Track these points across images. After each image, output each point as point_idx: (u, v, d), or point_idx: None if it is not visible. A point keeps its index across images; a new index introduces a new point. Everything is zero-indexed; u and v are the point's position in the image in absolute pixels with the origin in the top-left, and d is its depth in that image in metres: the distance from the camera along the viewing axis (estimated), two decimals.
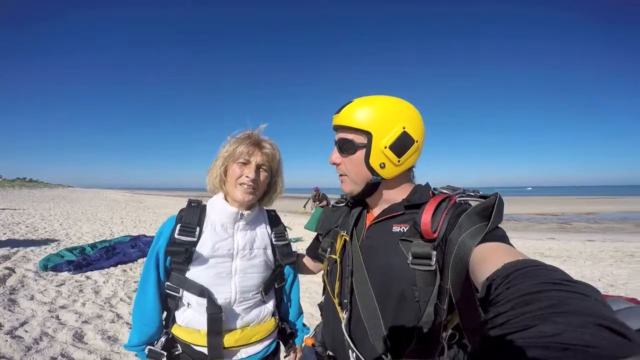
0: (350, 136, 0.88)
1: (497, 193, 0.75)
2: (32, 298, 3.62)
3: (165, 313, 1.22)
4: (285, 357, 1.37)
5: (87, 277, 4.63)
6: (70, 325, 3.02)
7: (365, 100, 0.88)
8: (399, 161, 0.86)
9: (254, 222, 1.24)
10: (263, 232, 1.25)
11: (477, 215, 0.73)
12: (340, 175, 0.94)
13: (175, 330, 1.19)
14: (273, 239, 1.26)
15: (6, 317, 3.02)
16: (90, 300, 3.74)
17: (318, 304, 1.12)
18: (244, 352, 1.19)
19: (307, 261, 1.35)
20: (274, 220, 1.32)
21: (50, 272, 4.68)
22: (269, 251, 1.24)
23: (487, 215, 0.72)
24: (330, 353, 1.02)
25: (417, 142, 0.87)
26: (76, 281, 4.40)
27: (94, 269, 5.06)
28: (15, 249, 5.96)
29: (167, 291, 1.17)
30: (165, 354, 1.16)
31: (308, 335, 1.27)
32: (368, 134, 0.85)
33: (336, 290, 0.97)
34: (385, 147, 0.84)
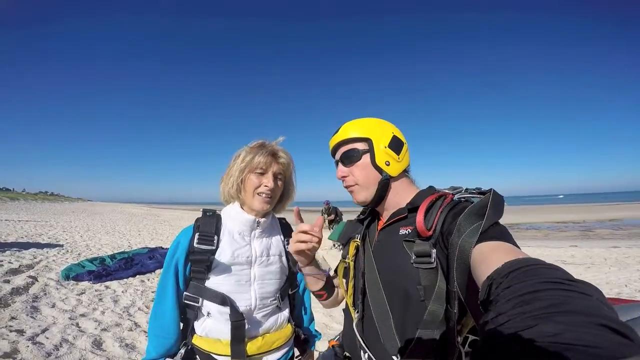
0: (352, 146, 0.95)
1: (492, 189, 0.77)
2: (53, 306, 3.66)
3: (182, 325, 1.20)
4: (297, 358, 1.36)
5: (107, 287, 4.68)
6: (89, 333, 3.03)
7: (355, 120, 0.99)
8: (399, 157, 0.94)
9: (269, 230, 1.26)
10: (277, 239, 1.27)
11: (474, 215, 0.72)
12: (350, 187, 0.98)
13: (195, 341, 1.16)
14: (286, 246, 1.27)
15: (28, 324, 3.06)
16: (109, 309, 3.76)
17: (343, 309, 1.12)
18: None
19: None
20: (286, 228, 1.34)
21: (72, 281, 4.76)
22: (284, 258, 1.26)
23: (484, 213, 0.71)
24: (347, 354, 1.02)
25: (405, 144, 0.98)
26: (96, 290, 4.45)
27: (113, 279, 5.13)
28: (38, 259, 6.12)
29: (186, 301, 1.15)
30: None
31: (333, 339, 1.25)
32: (368, 140, 0.94)
33: (349, 292, 1.00)
34: (385, 147, 0.93)
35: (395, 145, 0.94)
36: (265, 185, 1.15)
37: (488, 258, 0.59)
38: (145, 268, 6.04)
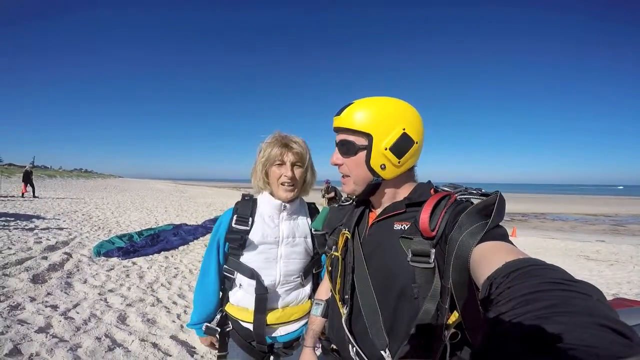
0: (351, 138, 0.89)
1: (498, 191, 0.74)
2: (85, 282, 3.96)
3: (220, 294, 1.38)
4: None
5: (133, 263, 4.98)
6: (115, 308, 3.26)
7: (365, 101, 0.88)
8: (399, 162, 0.87)
9: (296, 213, 1.36)
10: (304, 222, 1.37)
11: (477, 214, 0.72)
12: (343, 176, 0.95)
13: (228, 308, 1.34)
14: (312, 230, 1.36)
15: (62, 299, 3.33)
16: (135, 284, 4.02)
17: (325, 300, 1.16)
18: (283, 330, 1.32)
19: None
20: (314, 212, 1.43)
21: (103, 257, 5.10)
22: (309, 240, 1.36)
23: (488, 213, 0.70)
24: (334, 347, 1.03)
25: (417, 143, 0.88)
26: (124, 266, 4.76)
27: (140, 255, 5.45)
28: (72, 235, 6.58)
29: (225, 273, 1.33)
30: (219, 330, 1.33)
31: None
32: (369, 136, 0.86)
33: (337, 287, 0.99)
34: (386, 149, 0.85)
35: (401, 145, 0.85)
36: (285, 175, 1.25)
37: (489, 258, 0.58)
38: (169, 245, 6.37)
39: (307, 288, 1.37)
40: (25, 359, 2.26)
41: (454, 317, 0.76)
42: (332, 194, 10.51)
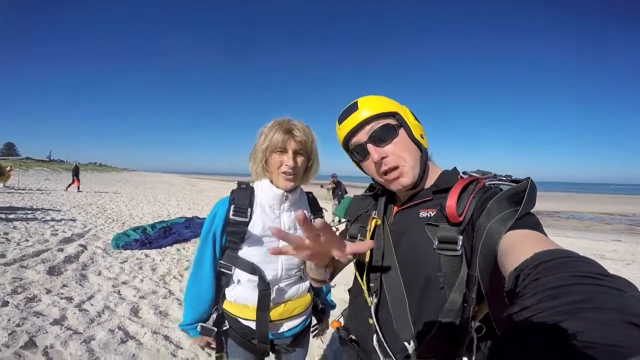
0: (383, 122, 0.85)
1: (529, 178, 0.70)
2: (99, 273, 4.01)
3: (214, 291, 1.30)
4: (314, 327, 1.51)
5: (146, 255, 5.03)
6: (129, 300, 3.28)
7: (369, 97, 0.89)
8: (423, 134, 0.90)
9: (297, 204, 1.30)
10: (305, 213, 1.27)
11: (507, 201, 0.68)
12: (392, 169, 0.85)
13: (225, 306, 1.26)
14: (313, 220, 1.26)
15: (77, 291, 3.38)
16: (148, 277, 4.05)
17: (348, 289, 1.12)
18: (286, 326, 1.27)
19: None
20: (314, 203, 1.39)
21: (121, 249, 5.18)
22: None
23: (518, 200, 0.67)
24: (353, 337, 1.01)
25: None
26: (137, 258, 4.81)
27: (154, 247, 5.53)
28: (87, 227, 6.70)
29: (221, 269, 1.23)
30: (216, 330, 1.24)
31: (335, 319, 1.27)
32: (396, 114, 0.86)
33: (364, 275, 0.96)
34: (415, 119, 0.89)
35: (416, 119, 0.90)
36: (286, 164, 1.17)
37: (517, 247, 0.56)
38: (182, 236, 6.45)
39: (307, 282, 1.33)
40: (41, 351, 2.28)
41: (482, 308, 0.75)
42: (334, 185, 10.37)
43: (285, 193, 1.23)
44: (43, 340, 2.42)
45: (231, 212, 1.20)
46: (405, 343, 0.82)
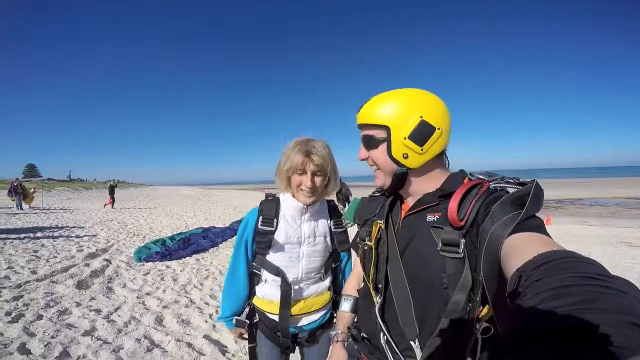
0: (371, 132, 0.91)
1: (534, 180, 0.71)
2: (124, 286, 4.17)
3: (249, 288, 1.47)
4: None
5: (167, 266, 5.20)
6: (153, 310, 3.42)
7: (381, 96, 0.90)
8: (422, 150, 0.86)
9: (316, 214, 1.41)
10: (324, 222, 1.43)
11: (511, 204, 0.68)
12: (375, 170, 0.97)
13: (255, 301, 1.43)
14: (332, 228, 1.43)
15: (104, 303, 3.54)
16: (170, 287, 4.19)
17: (357, 289, 1.17)
18: (306, 320, 1.41)
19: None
20: (334, 211, 1.49)
21: (144, 262, 5.38)
22: (329, 238, 1.43)
23: (522, 203, 0.67)
24: (364, 335, 1.04)
25: (438, 129, 0.86)
26: (159, 270, 4.97)
27: (174, 259, 5.70)
28: (110, 242, 6.96)
29: (253, 270, 1.41)
30: (248, 322, 1.42)
31: None
32: (386, 128, 0.87)
33: (371, 276, 1.00)
34: (405, 138, 0.85)
35: (421, 133, 0.84)
36: (305, 185, 1.29)
37: (520, 249, 0.57)
38: (200, 247, 6.62)
39: (327, 281, 1.45)
40: None
41: (486, 310, 0.75)
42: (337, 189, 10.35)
43: (305, 206, 1.35)
44: (76, 350, 2.56)
45: (260, 222, 1.35)
46: (411, 342, 0.85)
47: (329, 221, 1.44)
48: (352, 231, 1.22)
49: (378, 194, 1.12)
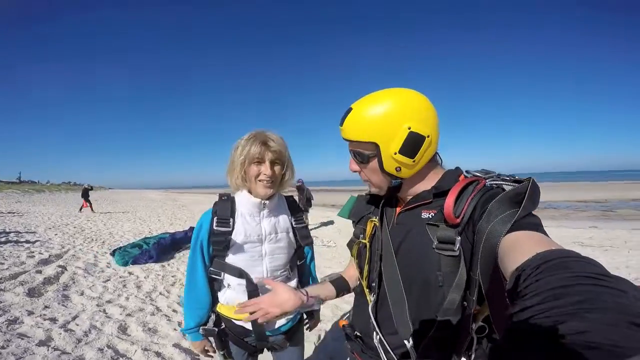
0: (359, 149, 0.86)
1: (531, 177, 0.70)
2: (82, 293, 3.91)
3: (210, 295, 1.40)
4: (306, 323, 1.55)
5: (130, 273, 4.94)
6: (115, 319, 3.24)
7: (362, 105, 0.83)
8: (414, 161, 0.82)
9: (276, 209, 1.37)
10: (285, 217, 1.39)
11: (507, 202, 0.68)
12: (365, 180, 0.95)
13: (219, 309, 1.37)
14: (293, 223, 1.40)
15: (60, 312, 3.30)
16: (133, 294, 3.99)
17: (353, 288, 1.14)
18: (278, 323, 1.35)
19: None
20: (293, 206, 1.46)
21: (99, 269, 5.07)
22: (291, 234, 1.39)
23: (519, 201, 0.67)
24: (358, 333, 1.04)
25: (428, 136, 0.81)
26: (120, 277, 4.71)
27: (158, 262, 5.65)
28: (66, 248, 6.48)
29: (211, 275, 1.33)
30: (217, 330, 1.36)
31: (342, 318, 1.34)
32: (375, 144, 0.82)
33: (365, 274, 0.99)
34: (395, 153, 0.81)
35: (410, 145, 0.80)
36: (264, 174, 1.24)
37: (518, 248, 0.56)
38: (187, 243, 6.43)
39: (294, 281, 1.41)
40: None
41: (482, 309, 0.75)
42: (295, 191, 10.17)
43: (263, 201, 1.30)
44: None
45: (215, 224, 1.27)
46: (405, 341, 0.84)
47: (289, 217, 1.41)
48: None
49: (373, 191, 1.09)
